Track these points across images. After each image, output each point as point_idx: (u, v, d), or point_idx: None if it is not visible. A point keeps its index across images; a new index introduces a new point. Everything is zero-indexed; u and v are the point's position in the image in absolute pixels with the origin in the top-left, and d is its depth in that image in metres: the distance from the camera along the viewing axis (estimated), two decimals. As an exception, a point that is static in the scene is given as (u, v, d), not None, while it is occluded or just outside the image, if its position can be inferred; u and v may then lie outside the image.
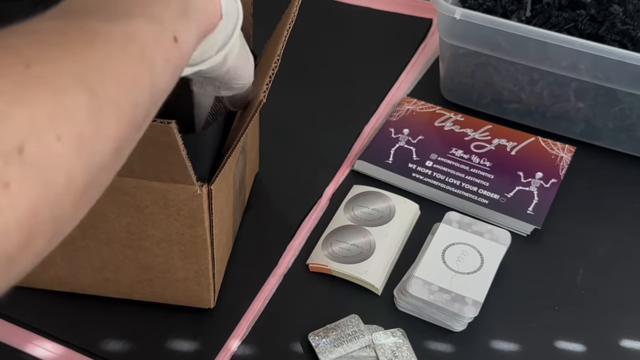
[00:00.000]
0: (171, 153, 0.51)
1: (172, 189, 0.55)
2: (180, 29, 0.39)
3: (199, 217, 0.57)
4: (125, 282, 0.63)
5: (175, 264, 0.61)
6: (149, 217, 0.58)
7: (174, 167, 0.53)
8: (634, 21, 0.77)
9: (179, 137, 0.49)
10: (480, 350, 0.63)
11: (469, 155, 0.79)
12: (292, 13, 0.57)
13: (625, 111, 0.77)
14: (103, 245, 0.61)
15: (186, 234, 0.58)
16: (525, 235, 0.73)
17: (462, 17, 0.77)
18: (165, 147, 0.50)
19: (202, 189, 0.55)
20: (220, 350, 0.63)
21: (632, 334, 0.65)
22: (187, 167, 0.52)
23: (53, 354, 0.63)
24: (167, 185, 0.55)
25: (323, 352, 0.61)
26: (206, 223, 0.58)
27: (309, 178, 0.78)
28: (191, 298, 0.64)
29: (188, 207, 0.57)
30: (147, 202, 0.57)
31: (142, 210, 0.58)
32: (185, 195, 0.56)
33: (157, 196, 0.56)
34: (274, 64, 0.55)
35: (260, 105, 0.53)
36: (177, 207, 0.57)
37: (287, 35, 0.56)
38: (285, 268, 0.69)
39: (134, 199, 0.57)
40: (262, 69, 0.60)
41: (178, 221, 0.58)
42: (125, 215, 0.58)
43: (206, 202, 0.56)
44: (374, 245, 0.69)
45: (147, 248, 0.60)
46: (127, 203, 0.57)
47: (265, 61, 0.62)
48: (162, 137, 0.49)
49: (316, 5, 1.01)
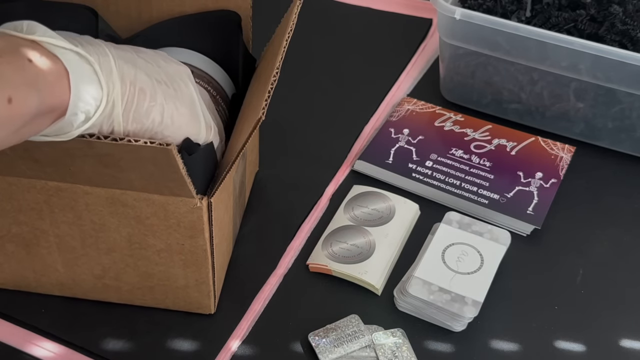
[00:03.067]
0: (171, 171, 0.51)
1: (172, 202, 0.55)
2: (20, 93, 0.42)
3: (199, 228, 0.57)
4: (126, 289, 0.64)
5: (176, 272, 0.61)
6: (149, 228, 0.58)
7: (174, 183, 0.53)
8: (634, 21, 0.77)
9: (178, 157, 0.49)
10: (480, 351, 0.63)
11: (469, 155, 0.79)
12: (290, 20, 0.57)
13: (625, 111, 0.77)
14: (103, 253, 0.61)
15: (186, 244, 0.58)
16: (525, 235, 0.73)
17: (462, 17, 0.77)
18: (164, 165, 0.50)
19: (202, 202, 0.55)
20: (220, 351, 0.63)
21: (632, 334, 0.65)
22: (187, 183, 0.52)
23: (53, 354, 0.63)
24: (167, 198, 0.55)
25: (323, 352, 0.61)
26: (206, 234, 0.58)
27: (309, 178, 0.78)
28: (192, 304, 0.64)
29: (188, 219, 0.57)
30: (148, 214, 0.57)
31: (142, 222, 0.57)
32: (185, 208, 0.56)
33: (157, 208, 0.56)
34: (273, 77, 0.54)
35: (259, 123, 0.53)
36: (177, 219, 0.57)
37: (286, 46, 0.56)
38: (286, 268, 0.69)
39: (134, 211, 0.57)
40: (261, 83, 0.59)
41: (178, 232, 0.58)
42: (126, 225, 0.58)
43: (206, 215, 0.56)
44: (374, 246, 0.69)
45: (147, 257, 0.60)
46: (127, 214, 0.57)
47: (263, 72, 0.62)
48: (162, 157, 0.49)
49: (316, 5, 1.01)
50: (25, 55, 0.44)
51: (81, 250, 0.61)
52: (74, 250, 0.61)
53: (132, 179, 0.54)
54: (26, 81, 0.43)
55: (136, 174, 0.53)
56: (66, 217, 0.58)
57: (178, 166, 0.50)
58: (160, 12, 0.68)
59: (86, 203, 0.57)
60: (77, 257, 0.61)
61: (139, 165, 0.49)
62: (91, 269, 0.62)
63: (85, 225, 0.59)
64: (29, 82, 0.43)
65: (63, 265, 0.62)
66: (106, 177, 0.54)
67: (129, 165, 0.49)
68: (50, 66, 0.45)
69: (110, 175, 0.53)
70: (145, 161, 0.49)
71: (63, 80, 0.45)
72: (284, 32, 0.57)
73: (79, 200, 0.57)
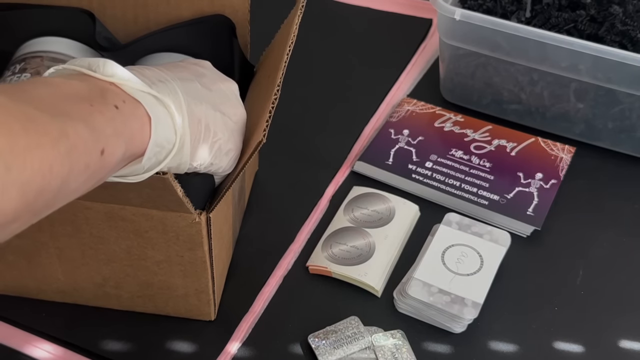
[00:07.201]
0: (168, 194, 0.51)
1: (170, 217, 0.55)
2: (111, 144, 0.42)
3: (198, 242, 0.57)
4: (126, 297, 0.63)
5: (176, 282, 0.61)
6: (148, 241, 0.58)
7: (171, 203, 0.53)
8: (634, 22, 0.77)
9: (175, 183, 0.49)
10: (480, 352, 0.63)
11: (468, 156, 0.79)
12: (291, 32, 0.56)
13: (625, 112, 0.77)
14: (103, 264, 0.61)
15: (185, 256, 0.58)
16: (525, 237, 0.72)
17: (462, 17, 0.77)
18: (162, 190, 0.50)
19: (201, 217, 0.55)
20: (220, 353, 0.63)
21: (632, 334, 0.65)
22: (185, 203, 0.52)
23: (52, 356, 0.63)
24: (166, 214, 0.55)
25: (323, 354, 0.61)
26: (205, 247, 0.58)
27: (308, 179, 0.78)
28: (192, 312, 0.64)
29: (187, 233, 0.56)
30: (146, 228, 0.57)
31: (141, 235, 0.57)
32: (183, 223, 0.56)
33: (156, 222, 0.56)
34: (274, 96, 0.54)
35: (259, 146, 0.52)
36: (176, 233, 0.57)
37: (287, 60, 0.55)
38: (285, 270, 0.69)
39: (133, 225, 0.57)
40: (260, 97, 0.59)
41: (177, 245, 0.58)
42: (125, 239, 0.58)
43: (205, 229, 0.56)
44: (373, 247, 0.69)
45: (146, 267, 0.60)
46: (126, 228, 0.57)
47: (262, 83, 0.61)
48: (159, 184, 0.49)
49: (316, 5, 1.00)
50: (112, 102, 0.44)
51: (81, 260, 0.61)
52: (74, 261, 0.61)
53: (130, 198, 0.54)
54: (115, 131, 0.42)
55: (134, 194, 0.53)
56: (66, 230, 0.58)
57: (175, 191, 0.50)
58: (156, 16, 0.68)
59: (85, 217, 0.57)
60: (77, 267, 0.61)
61: (137, 188, 0.49)
62: (91, 278, 0.62)
63: (85, 238, 0.59)
64: (118, 132, 0.43)
65: (64, 274, 0.62)
66: (105, 195, 0.54)
67: (127, 188, 0.49)
68: (135, 113, 0.45)
69: (108, 194, 0.54)
70: (142, 186, 0.49)
71: (145, 127, 0.45)
72: (285, 44, 0.56)
73: (79, 214, 0.57)
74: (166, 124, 0.47)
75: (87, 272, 0.62)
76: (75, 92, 0.42)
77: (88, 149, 0.40)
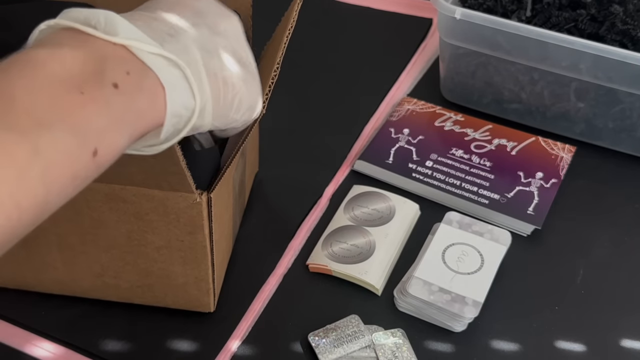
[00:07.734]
0: (171, 164, 0.50)
1: (171, 197, 0.55)
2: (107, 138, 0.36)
3: (198, 224, 0.57)
4: (125, 287, 0.63)
5: (175, 269, 0.61)
6: (149, 224, 0.58)
7: (173, 176, 0.53)
8: (635, 21, 0.77)
9: (178, 149, 0.49)
10: (481, 351, 0.63)
11: (469, 155, 0.79)
12: (291, 18, 0.57)
13: (626, 111, 0.77)
14: (102, 251, 0.61)
15: (186, 240, 0.58)
16: (526, 236, 0.72)
17: (462, 16, 0.77)
18: (165, 158, 0.50)
19: (202, 197, 0.55)
20: (220, 351, 0.63)
21: (632, 334, 0.65)
22: (187, 177, 0.52)
23: (53, 355, 0.63)
24: (167, 194, 0.55)
25: (323, 352, 0.61)
26: (206, 230, 0.58)
27: (309, 178, 0.78)
28: (191, 302, 0.64)
29: (187, 215, 0.56)
30: (147, 210, 0.57)
31: (141, 217, 0.57)
32: (184, 204, 0.56)
33: (157, 204, 0.56)
34: (273, 72, 0.53)
35: (260, 117, 0.52)
36: (177, 215, 0.57)
37: (287, 42, 0.56)
38: (285, 268, 0.69)
39: (134, 207, 0.57)
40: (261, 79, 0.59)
41: (178, 228, 0.58)
42: (125, 222, 0.58)
43: (206, 210, 0.56)
44: (374, 246, 0.69)
45: (146, 254, 0.60)
46: (126, 210, 0.57)
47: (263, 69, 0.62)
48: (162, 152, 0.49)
49: (316, 5, 1.00)
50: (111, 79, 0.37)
51: (80, 247, 0.60)
52: (73, 248, 0.61)
53: (132, 173, 0.53)
54: (114, 119, 0.36)
55: (136, 167, 0.52)
56: (66, 214, 0.58)
57: (178, 159, 0.50)
58: None
59: (86, 199, 0.57)
60: (76, 254, 0.61)
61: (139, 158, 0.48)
62: (90, 267, 0.62)
63: (85, 222, 0.58)
64: (117, 119, 0.36)
65: (62, 263, 0.62)
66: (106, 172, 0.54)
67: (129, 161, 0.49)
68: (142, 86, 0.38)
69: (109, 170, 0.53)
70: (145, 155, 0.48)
71: (158, 98, 0.39)
72: (284, 30, 0.57)
73: (79, 195, 0.57)
74: (182, 89, 0.41)
75: (86, 261, 0.61)
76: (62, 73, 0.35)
77: (72, 158, 0.34)
